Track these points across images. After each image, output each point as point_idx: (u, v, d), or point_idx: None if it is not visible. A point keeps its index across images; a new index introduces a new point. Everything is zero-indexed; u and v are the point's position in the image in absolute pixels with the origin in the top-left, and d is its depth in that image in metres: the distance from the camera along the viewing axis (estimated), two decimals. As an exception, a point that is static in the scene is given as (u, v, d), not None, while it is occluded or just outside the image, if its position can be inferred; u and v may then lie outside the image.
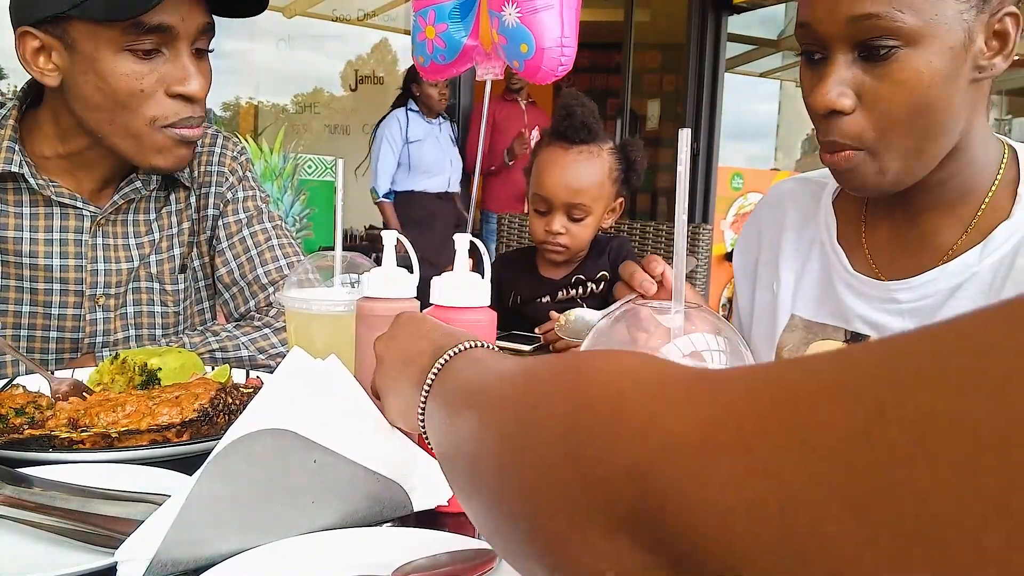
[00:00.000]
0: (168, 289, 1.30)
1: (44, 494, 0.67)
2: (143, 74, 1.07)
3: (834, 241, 1.02)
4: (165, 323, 1.31)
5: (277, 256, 1.34)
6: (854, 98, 0.85)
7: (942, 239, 0.93)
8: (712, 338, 0.50)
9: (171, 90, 1.10)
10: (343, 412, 0.67)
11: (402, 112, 4.84)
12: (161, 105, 1.10)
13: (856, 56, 0.84)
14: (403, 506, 0.69)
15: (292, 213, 4.55)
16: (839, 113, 0.85)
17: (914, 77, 0.82)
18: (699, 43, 6.08)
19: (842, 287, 0.99)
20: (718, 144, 6.14)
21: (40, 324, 1.22)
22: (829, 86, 0.84)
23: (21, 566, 0.61)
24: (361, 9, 6.25)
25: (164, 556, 0.57)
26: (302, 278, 1.01)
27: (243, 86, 6.25)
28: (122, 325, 1.27)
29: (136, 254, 1.27)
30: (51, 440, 0.84)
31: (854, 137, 0.86)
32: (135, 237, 1.27)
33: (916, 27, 0.80)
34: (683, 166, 0.54)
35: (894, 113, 0.83)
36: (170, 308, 1.31)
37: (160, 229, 1.30)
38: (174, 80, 1.09)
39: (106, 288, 1.24)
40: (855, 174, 0.88)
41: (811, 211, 1.07)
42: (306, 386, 0.65)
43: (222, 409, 0.90)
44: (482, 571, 0.59)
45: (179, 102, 1.11)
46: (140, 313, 1.29)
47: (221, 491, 0.59)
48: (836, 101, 0.84)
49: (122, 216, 1.26)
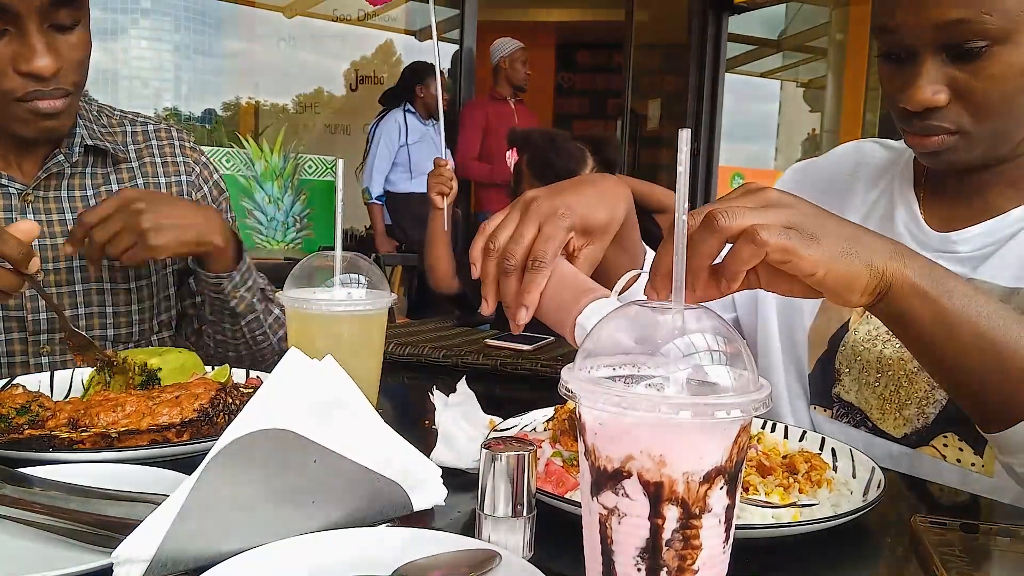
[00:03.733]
0: (115, 264, 1.30)
1: (44, 494, 0.67)
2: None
3: (909, 192, 1.05)
4: (115, 300, 1.31)
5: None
6: (948, 93, 0.88)
7: (1004, 205, 0.97)
8: (712, 338, 0.50)
9: (18, 67, 1.12)
10: (341, 412, 0.67)
11: (400, 113, 4.84)
12: (9, 80, 1.12)
13: (945, 56, 0.87)
14: (403, 506, 0.69)
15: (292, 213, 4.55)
16: (932, 108, 0.89)
17: (1007, 71, 0.85)
18: (699, 43, 6.08)
19: (905, 234, 1.02)
20: (718, 144, 6.15)
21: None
22: (923, 86, 0.88)
23: (21, 566, 0.60)
24: (361, 9, 6.25)
25: (164, 556, 0.57)
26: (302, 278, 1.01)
27: (243, 86, 6.25)
28: (70, 303, 1.27)
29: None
30: (51, 440, 0.84)
31: (951, 122, 0.89)
32: (71, 212, 1.29)
33: (1003, 26, 0.83)
34: (683, 166, 0.54)
35: (989, 104, 0.87)
36: (120, 284, 1.31)
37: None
38: (20, 58, 1.11)
39: (43, 263, 1.24)
40: (945, 154, 0.92)
41: (884, 167, 1.11)
42: (304, 386, 0.65)
43: (222, 409, 0.90)
44: (482, 571, 0.59)
45: (28, 78, 1.13)
46: (89, 290, 1.29)
47: (221, 491, 0.59)
48: (932, 99, 0.88)
49: (54, 193, 1.28)
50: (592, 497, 0.51)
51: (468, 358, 1.36)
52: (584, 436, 0.51)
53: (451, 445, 0.85)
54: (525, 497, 0.65)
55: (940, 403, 0.95)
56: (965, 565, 0.66)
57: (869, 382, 1.01)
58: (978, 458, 0.93)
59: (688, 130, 0.55)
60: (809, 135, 7.23)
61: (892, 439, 0.99)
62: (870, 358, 1.01)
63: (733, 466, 0.49)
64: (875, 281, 0.72)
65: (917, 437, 0.97)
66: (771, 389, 0.51)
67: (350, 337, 0.99)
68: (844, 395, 1.04)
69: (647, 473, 0.48)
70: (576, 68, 9.05)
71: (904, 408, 0.98)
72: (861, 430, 1.02)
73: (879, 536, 0.75)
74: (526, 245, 0.79)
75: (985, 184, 0.98)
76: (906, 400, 0.98)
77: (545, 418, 0.95)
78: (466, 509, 0.76)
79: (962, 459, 0.94)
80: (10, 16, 1.09)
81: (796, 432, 0.93)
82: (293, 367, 0.65)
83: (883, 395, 1.00)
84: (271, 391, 0.63)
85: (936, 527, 0.71)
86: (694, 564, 0.49)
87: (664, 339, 0.50)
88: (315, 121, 6.37)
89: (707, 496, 0.49)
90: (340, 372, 0.69)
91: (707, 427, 0.48)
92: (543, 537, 0.66)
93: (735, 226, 0.68)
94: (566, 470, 0.78)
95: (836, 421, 1.05)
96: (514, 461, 0.64)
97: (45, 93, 1.14)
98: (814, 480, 0.78)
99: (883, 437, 1.00)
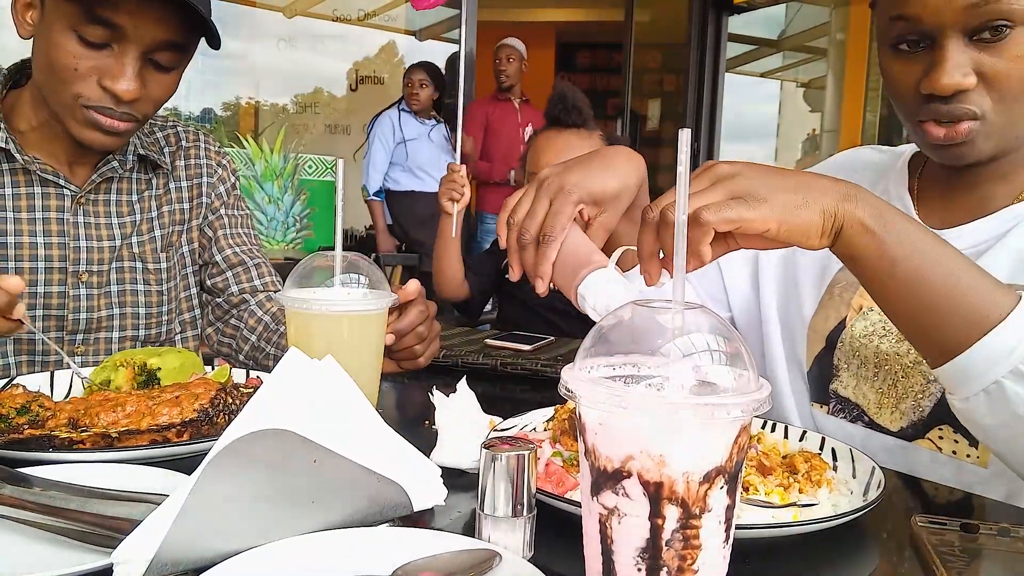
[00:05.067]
0: (151, 268, 1.35)
1: (44, 494, 0.67)
2: (82, 57, 1.14)
3: (904, 193, 1.06)
4: (148, 301, 1.34)
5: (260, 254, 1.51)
6: (975, 76, 0.89)
7: (995, 204, 0.98)
8: (712, 338, 0.50)
9: (102, 81, 1.15)
10: (341, 412, 0.67)
11: (394, 111, 4.85)
12: (88, 87, 1.16)
13: (968, 39, 0.88)
14: (403, 506, 0.69)
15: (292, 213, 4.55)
16: (959, 91, 0.89)
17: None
18: (699, 43, 6.08)
19: None
20: (718, 144, 6.15)
21: (26, 303, 1.23)
22: (950, 69, 0.88)
23: (21, 566, 0.61)
24: (361, 9, 6.25)
25: (164, 556, 0.57)
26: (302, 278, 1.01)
27: (243, 86, 6.24)
28: (106, 304, 1.30)
29: (118, 232, 1.32)
30: (51, 440, 0.84)
31: (976, 106, 0.90)
32: (117, 216, 1.33)
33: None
34: (683, 166, 0.54)
35: (1012, 86, 0.88)
36: (153, 287, 1.35)
37: (142, 211, 1.36)
38: (108, 73, 1.15)
39: (88, 265, 1.28)
40: (963, 145, 0.92)
41: (880, 171, 1.12)
42: (304, 386, 0.65)
43: (222, 409, 0.90)
44: (482, 571, 0.59)
45: (105, 93, 1.16)
46: (124, 292, 1.32)
47: (221, 491, 0.59)
48: (962, 82, 0.88)
49: (103, 196, 1.32)
50: (592, 497, 0.51)
51: (468, 358, 1.36)
52: (584, 436, 0.51)
53: (451, 445, 0.85)
54: (525, 497, 0.65)
55: (935, 396, 0.96)
56: (965, 565, 0.66)
57: (867, 377, 1.02)
58: (973, 449, 0.94)
59: (688, 130, 0.55)
60: (809, 135, 7.23)
61: (889, 433, 1.00)
62: (867, 354, 1.02)
63: (733, 466, 0.49)
64: (829, 223, 0.75)
65: (913, 430, 0.98)
66: (771, 389, 0.51)
67: (350, 337, 0.99)
68: (841, 391, 1.05)
69: (647, 473, 0.48)
70: (576, 68, 9.05)
71: (901, 402, 0.99)
72: (858, 425, 1.03)
73: (879, 536, 0.75)
74: (539, 220, 0.87)
75: (978, 178, 0.99)
76: (903, 394, 0.99)
77: (545, 418, 0.95)
78: (466, 509, 0.76)
79: (957, 451, 0.95)
80: (119, 36, 1.13)
81: (796, 432, 0.93)
82: (293, 367, 0.65)
83: (880, 389, 1.01)
84: (271, 391, 0.63)
85: (935, 527, 0.71)
86: (694, 564, 0.49)
87: (664, 339, 0.50)
88: (315, 121, 6.37)
89: (707, 496, 0.49)
90: (340, 372, 0.69)
91: (707, 427, 0.48)
92: (543, 537, 0.66)
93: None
94: (566, 470, 0.78)
95: (833, 417, 1.05)
96: (514, 461, 0.64)
97: (114, 112, 1.18)
98: (814, 480, 0.78)
99: (880, 431, 1.01)
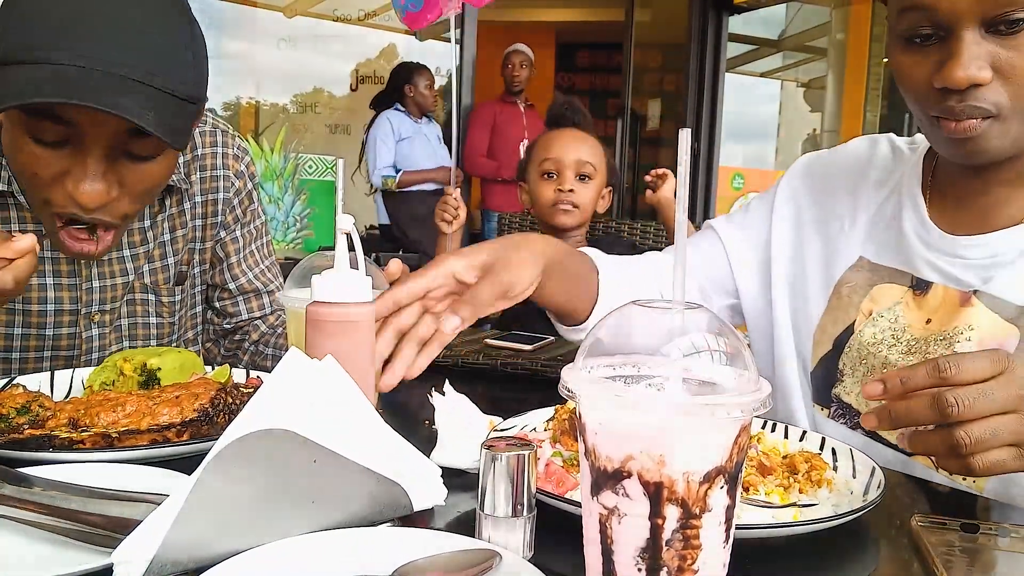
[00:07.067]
0: (164, 300, 1.30)
1: (44, 494, 0.67)
2: (42, 158, 0.98)
3: (917, 192, 1.04)
4: (160, 333, 1.31)
5: (275, 273, 1.45)
6: (990, 70, 0.87)
7: (1010, 211, 0.96)
8: (712, 338, 0.50)
9: (66, 185, 0.99)
10: (341, 412, 0.67)
11: (392, 112, 4.87)
12: (55, 192, 1.00)
13: (983, 31, 0.86)
14: (403, 506, 0.69)
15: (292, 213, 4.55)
16: (974, 85, 0.88)
17: None
18: (699, 43, 6.08)
19: (912, 236, 1.02)
20: (718, 144, 6.14)
21: (33, 345, 1.21)
22: (966, 62, 0.86)
23: (21, 566, 0.61)
24: (362, 9, 6.26)
25: (164, 556, 0.57)
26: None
27: (243, 86, 6.25)
28: (116, 338, 1.27)
29: (131, 267, 1.26)
30: (51, 440, 0.84)
31: (992, 103, 0.88)
32: (129, 248, 1.26)
33: None
34: (683, 166, 0.54)
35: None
36: (165, 319, 1.30)
37: (154, 238, 1.28)
38: (71, 175, 0.99)
39: (101, 305, 1.23)
40: (978, 141, 0.90)
41: (895, 165, 1.10)
42: (304, 386, 0.65)
43: (222, 409, 0.90)
44: (482, 571, 0.59)
45: (70, 201, 1.00)
46: (135, 325, 1.28)
47: (221, 491, 0.59)
48: (978, 75, 0.86)
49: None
50: (592, 497, 0.51)
51: (468, 358, 1.36)
52: (584, 436, 0.51)
53: (451, 445, 0.85)
54: (525, 497, 0.65)
55: None
56: (965, 565, 0.66)
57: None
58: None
59: (688, 130, 0.55)
60: (809, 135, 7.23)
61: (887, 444, 0.99)
62: (875, 362, 1.00)
63: (733, 466, 0.49)
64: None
65: None
66: (771, 389, 0.51)
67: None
68: (844, 396, 1.04)
69: (647, 473, 0.48)
70: (576, 68, 9.05)
71: None
72: (857, 432, 1.02)
73: (879, 536, 0.75)
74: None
75: (994, 181, 0.97)
76: None
77: (545, 418, 0.95)
78: (466, 509, 0.76)
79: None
80: (74, 132, 0.96)
81: (796, 432, 0.93)
82: (293, 367, 0.65)
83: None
84: (271, 391, 0.63)
85: (936, 527, 0.71)
86: (694, 564, 0.49)
87: (664, 339, 0.50)
88: (315, 121, 6.38)
89: (707, 496, 0.49)
90: (340, 372, 0.69)
91: (707, 427, 0.48)
92: (543, 537, 0.66)
93: (960, 417, 0.71)
94: (566, 470, 0.78)
95: (832, 421, 1.05)
96: (514, 461, 0.64)
97: (83, 222, 1.02)
98: (814, 480, 0.78)
99: (879, 442, 1.00)
